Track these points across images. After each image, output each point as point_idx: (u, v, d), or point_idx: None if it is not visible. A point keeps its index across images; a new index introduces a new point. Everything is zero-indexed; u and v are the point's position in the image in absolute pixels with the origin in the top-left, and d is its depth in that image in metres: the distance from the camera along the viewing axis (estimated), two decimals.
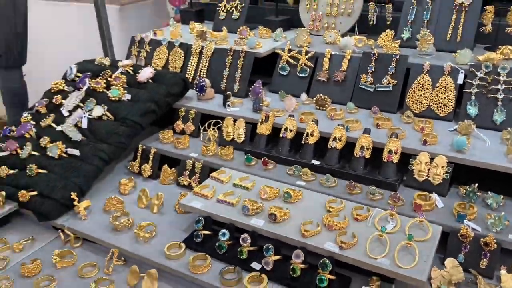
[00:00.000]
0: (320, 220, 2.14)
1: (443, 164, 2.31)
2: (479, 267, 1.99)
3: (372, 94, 2.89)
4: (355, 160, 2.49)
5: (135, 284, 2.11)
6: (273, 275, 2.01)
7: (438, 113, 2.71)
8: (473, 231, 2.04)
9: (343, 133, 2.55)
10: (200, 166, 2.69)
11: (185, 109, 3.06)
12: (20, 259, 2.31)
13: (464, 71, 2.69)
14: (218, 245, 2.15)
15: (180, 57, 3.47)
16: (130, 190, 2.72)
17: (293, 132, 2.70)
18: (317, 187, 2.44)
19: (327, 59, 3.08)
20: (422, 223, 2.07)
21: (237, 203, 2.30)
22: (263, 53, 3.25)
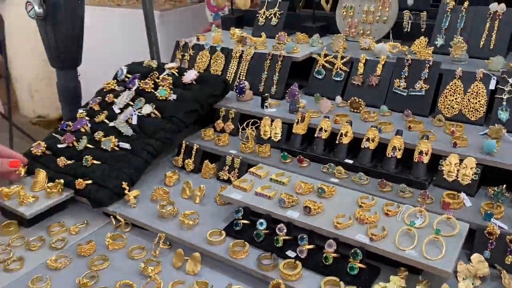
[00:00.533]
0: (352, 214, 2.29)
1: (472, 166, 2.41)
2: (505, 263, 2.08)
3: (405, 98, 3.01)
4: (387, 160, 2.62)
5: (179, 266, 2.31)
6: (307, 263, 2.17)
7: (470, 118, 2.81)
8: (499, 229, 2.13)
9: (376, 134, 2.69)
10: (239, 162, 2.88)
11: (225, 109, 3.27)
12: (76, 240, 2.55)
13: (496, 78, 2.78)
14: (256, 233, 2.33)
15: (221, 61, 3.69)
16: (175, 182, 2.93)
17: (327, 132, 2.85)
18: (349, 184, 2.58)
19: (362, 64, 3.22)
20: (450, 220, 2.18)
21: (273, 196, 2.47)
22: (300, 57, 3.42)
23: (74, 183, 2.73)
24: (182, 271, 2.30)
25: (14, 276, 2.31)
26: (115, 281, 2.20)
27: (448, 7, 3.24)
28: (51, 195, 2.70)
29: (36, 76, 7.79)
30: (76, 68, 3.71)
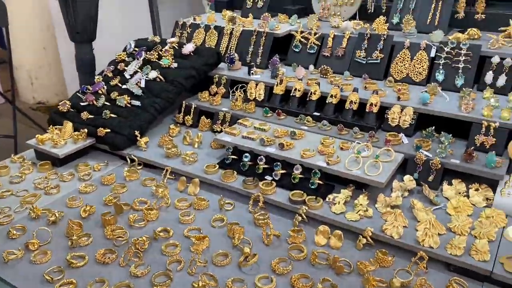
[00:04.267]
0: (316, 148, 2.97)
1: (410, 113, 3.10)
2: (428, 180, 2.78)
3: (364, 65, 3.69)
4: (345, 111, 3.30)
5: (182, 189, 2.99)
6: (280, 183, 2.85)
7: (415, 80, 3.49)
8: (425, 157, 2.83)
9: (338, 92, 3.36)
10: (230, 116, 3.55)
11: (218, 76, 3.92)
12: (99, 175, 3.22)
13: (436, 47, 3.45)
14: (242, 164, 3.00)
15: (214, 37, 4.34)
16: (177, 133, 3.59)
17: (300, 92, 3.52)
18: (316, 130, 3.26)
19: (331, 39, 3.89)
20: (389, 152, 2.87)
21: (256, 138, 3.15)
22: (281, 34, 4.08)
23: (95, 132, 3.38)
24: (185, 193, 2.97)
25: (53, 198, 2.97)
26: (132, 199, 2.88)
27: None
28: (77, 141, 3.36)
29: (36, 64, 8.06)
30: (91, 42, 4.35)
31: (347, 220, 2.53)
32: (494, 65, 3.25)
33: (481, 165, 2.72)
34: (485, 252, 2.19)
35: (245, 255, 2.31)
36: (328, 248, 2.43)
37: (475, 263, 2.17)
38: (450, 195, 2.69)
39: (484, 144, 2.84)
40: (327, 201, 2.68)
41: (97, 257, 2.36)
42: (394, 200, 2.61)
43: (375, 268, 2.24)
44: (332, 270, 2.27)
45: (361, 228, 2.46)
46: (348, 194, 2.70)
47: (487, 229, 2.34)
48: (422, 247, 2.29)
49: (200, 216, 2.73)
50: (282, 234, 2.52)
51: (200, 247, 2.41)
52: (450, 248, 2.25)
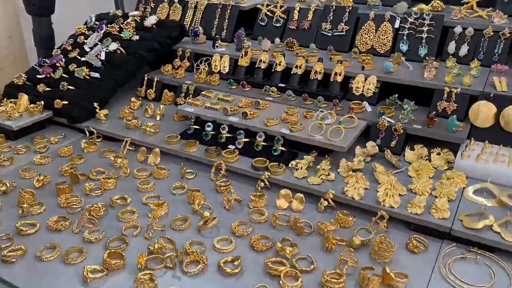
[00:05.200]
0: (280, 117, 2.92)
1: (373, 82, 3.09)
2: (390, 146, 2.77)
3: (330, 38, 3.66)
4: (310, 82, 3.27)
5: (143, 160, 2.90)
6: (243, 151, 2.80)
7: (379, 51, 3.48)
8: (388, 123, 2.82)
9: (303, 62, 3.32)
10: (193, 89, 3.46)
11: (182, 50, 3.83)
12: (56, 147, 3.08)
13: (400, 18, 3.45)
14: (205, 133, 2.93)
15: (178, 11, 4.23)
16: (138, 107, 3.49)
17: (266, 63, 3.47)
18: (281, 101, 3.22)
19: (296, 12, 3.84)
20: (352, 119, 2.85)
21: (220, 109, 3.08)
22: (246, 7, 4.01)
23: (53, 105, 3.25)
24: (145, 164, 2.88)
25: (6, 169, 2.83)
26: (90, 169, 2.77)
27: None
28: (33, 114, 3.22)
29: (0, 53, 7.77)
30: (50, 16, 4.18)
31: (309, 184, 2.50)
32: (457, 35, 3.26)
33: (442, 130, 2.73)
34: (444, 210, 2.19)
35: (205, 219, 2.25)
36: (290, 211, 2.39)
37: (435, 221, 2.17)
38: (412, 159, 2.69)
39: (446, 109, 2.85)
40: (290, 166, 2.64)
41: (49, 224, 2.26)
42: (356, 165, 2.59)
43: (336, 228, 2.22)
44: (293, 231, 2.24)
45: (323, 191, 2.43)
46: (311, 160, 2.66)
47: (448, 189, 2.35)
48: (382, 207, 2.28)
49: (160, 184, 2.65)
50: (243, 200, 2.47)
51: (158, 212, 2.33)
52: (411, 207, 2.25)
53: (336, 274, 1.92)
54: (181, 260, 2.00)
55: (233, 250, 2.11)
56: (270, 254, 2.10)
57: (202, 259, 2.01)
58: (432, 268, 2.01)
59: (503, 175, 2.43)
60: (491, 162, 2.49)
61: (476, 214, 2.20)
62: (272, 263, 1.99)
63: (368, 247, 2.12)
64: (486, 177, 2.44)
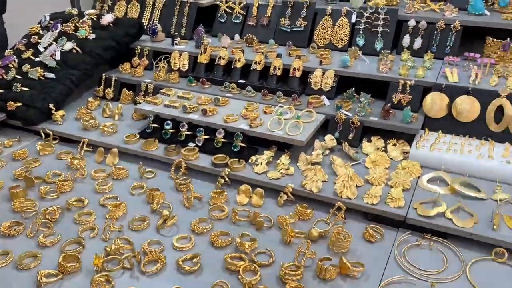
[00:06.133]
0: (240, 113, 2.92)
1: (331, 76, 3.13)
2: (348, 139, 2.82)
3: (289, 33, 3.68)
4: (270, 77, 3.28)
5: (101, 160, 2.84)
6: (203, 149, 2.78)
7: (337, 46, 3.53)
8: (345, 116, 2.86)
9: (262, 58, 3.33)
10: (152, 87, 3.42)
11: (140, 48, 3.77)
12: (10, 150, 2.98)
13: (356, 13, 3.51)
14: (164, 132, 2.90)
15: (136, 9, 4.16)
16: (96, 107, 3.42)
17: (225, 60, 3.45)
18: (241, 97, 3.22)
19: (255, 8, 3.85)
20: (311, 113, 2.88)
21: (179, 106, 3.05)
22: (205, 3, 3.99)
23: (6, 107, 3.14)
24: (104, 164, 2.83)
25: None
26: (46, 172, 2.69)
27: None
28: None
29: None
30: (1, 15, 4.03)
31: (269, 179, 2.51)
32: (411, 29, 3.35)
33: (398, 121, 2.79)
34: (399, 199, 2.25)
35: (164, 218, 2.23)
36: (250, 207, 2.40)
37: (390, 210, 2.22)
38: (369, 151, 2.74)
39: (401, 101, 2.92)
40: (250, 162, 2.64)
41: (2, 230, 2.18)
42: (315, 158, 2.62)
43: (295, 221, 2.24)
44: (253, 226, 2.24)
45: (282, 185, 2.44)
46: (271, 155, 2.68)
47: (403, 178, 2.41)
48: (340, 198, 2.31)
49: (119, 185, 2.61)
50: (204, 197, 2.46)
51: (116, 213, 2.30)
52: (367, 197, 2.29)
53: (294, 266, 1.94)
54: (139, 260, 1.98)
55: (193, 248, 2.10)
56: (230, 250, 2.10)
57: (160, 258, 1.99)
58: (388, 256, 2.05)
59: (455, 163, 2.51)
60: (444, 151, 2.57)
61: (430, 202, 2.26)
62: (231, 258, 2.00)
63: (326, 239, 2.15)
64: (440, 165, 2.52)
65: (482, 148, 2.57)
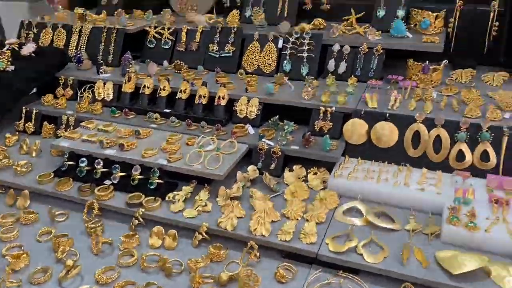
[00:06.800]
0: (160, 146, 2.83)
1: (256, 104, 3.09)
2: (270, 169, 2.77)
3: (217, 59, 3.63)
4: (195, 106, 3.21)
5: (12, 204, 2.69)
6: (119, 186, 2.67)
7: (265, 71, 3.50)
8: (267, 146, 2.82)
9: (187, 87, 3.26)
10: (74, 120, 3.28)
11: (64, 77, 3.63)
12: None
13: (282, 38, 3.49)
14: (79, 170, 2.77)
15: (63, 36, 4.02)
16: (15, 143, 3.25)
17: (150, 89, 3.36)
18: (165, 128, 3.13)
19: (184, 33, 3.78)
20: (233, 143, 2.82)
21: (97, 141, 2.93)
22: (132, 30, 3.89)
23: None
24: (14, 208, 2.67)
25: None
26: None
27: None
28: None
29: None
30: None
31: (185, 218, 2.42)
32: (335, 53, 3.36)
33: (318, 149, 2.77)
34: (312, 235, 2.21)
35: (67, 268, 2.11)
36: (163, 250, 2.31)
37: (303, 247, 2.18)
38: (291, 181, 2.70)
39: (323, 128, 2.91)
40: (167, 200, 2.55)
41: None
42: (235, 192, 2.55)
43: (206, 264, 2.16)
44: (163, 272, 2.15)
45: (198, 224, 2.36)
46: (189, 191, 2.59)
47: (318, 211, 2.37)
48: (254, 236, 2.25)
49: (27, 231, 2.46)
50: (114, 241, 2.35)
51: (17, 265, 2.15)
52: (281, 234, 2.24)
53: None
54: None
55: None
56: None
57: None
58: None
59: (372, 192, 2.50)
60: (362, 180, 2.55)
61: (343, 236, 2.24)
62: None
63: (237, 281, 2.08)
64: (357, 194, 2.50)
65: (400, 175, 2.58)
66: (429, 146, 2.65)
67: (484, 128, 2.54)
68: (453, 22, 3.37)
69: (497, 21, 3.27)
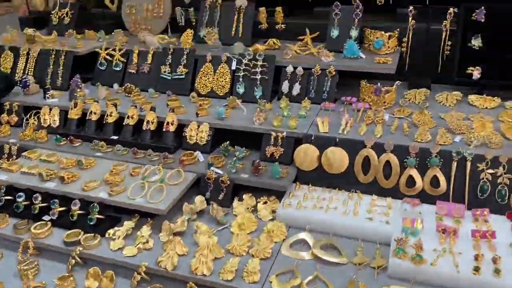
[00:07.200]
0: (103, 178, 2.70)
1: (206, 130, 2.99)
2: (218, 199, 2.67)
3: (170, 81, 3.52)
4: (143, 133, 3.09)
5: None
6: (58, 222, 2.53)
7: (219, 93, 3.41)
8: (216, 174, 2.72)
9: (135, 112, 3.14)
10: (16, 149, 3.12)
11: (10, 103, 3.47)
12: None
13: (236, 60, 3.41)
14: (16, 205, 2.62)
15: (10, 60, 3.86)
16: None
17: (97, 114, 3.23)
18: (112, 156, 3.00)
19: (136, 55, 3.66)
20: (179, 172, 2.71)
21: (37, 174, 2.78)
22: (83, 52, 3.76)
23: None
24: None
25: None
26: None
27: (206, 3, 3.83)
28: None
29: None
30: None
31: (124, 257, 2.30)
32: (289, 75, 3.29)
33: (269, 177, 2.68)
34: (255, 273, 2.11)
35: None
36: None
37: (245, 286, 2.08)
38: (239, 211, 2.60)
39: (274, 154, 2.83)
40: (107, 236, 2.42)
41: None
42: (179, 226, 2.44)
43: None
44: None
45: (137, 264, 2.24)
46: (131, 226, 2.47)
47: (264, 245, 2.28)
48: (195, 276, 2.14)
49: None
50: (49, 284, 2.20)
51: None
52: (223, 273, 2.14)
53: None
54: None
55: None
56: None
57: None
58: None
59: (321, 222, 2.42)
60: (311, 209, 2.48)
61: (288, 272, 2.15)
62: None
63: None
64: (306, 225, 2.42)
65: (350, 203, 2.51)
66: (379, 171, 2.59)
67: (434, 153, 2.50)
68: (406, 42, 3.36)
69: (449, 40, 3.27)
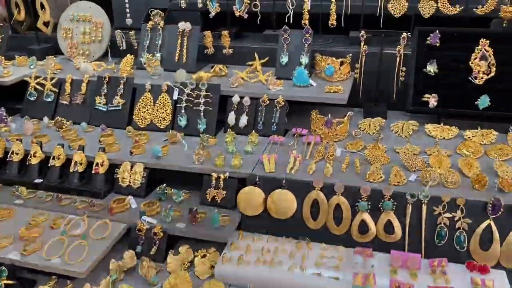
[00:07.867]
0: (17, 234, 2.35)
1: (140, 170, 2.68)
2: (151, 254, 2.36)
3: (105, 113, 3.20)
4: (71, 175, 2.76)
5: None
6: None
7: (159, 126, 3.10)
8: (148, 225, 2.41)
9: (61, 152, 2.81)
10: None
11: None
12: None
13: (177, 89, 3.12)
14: None
15: None
16: None
17: (20, 155, 2.88)
18: (34, 203, 2.65)
19: (68, 84, 3.33)
20: (107, 223, 2.40)
21: None
22: (9, 81, 3.39)
23: None
24: None
25: None
26: None
27: (148, 26, 3.53)
28: None
29: None
30: None
31: None
32: (235, 105, 3.03)
33: (208, 227, 2.40)
34: None
35: None
36: None
37: None
38: (173, 268, 2.30)
39: (215, 198, 2.55)
40: None
41: None
42: None
43: None
44: None
45: None
46: None
47: None
48: None
49: None
50: None
51: None
52: None
53: None
54: None
55: None
56: None
57: None
58: None
59: (264, 279, 2.15)
60: (253, 264, 2.20)
61: None
62: None
63: None
64: (248, 283, 2.15)
65: (297, 254, 2.25)
66: (329, 216, 2.35)
67: (387, 196, 2.27)
68: (359, 67, 3.15)
69: (404, 66, 3.09)
